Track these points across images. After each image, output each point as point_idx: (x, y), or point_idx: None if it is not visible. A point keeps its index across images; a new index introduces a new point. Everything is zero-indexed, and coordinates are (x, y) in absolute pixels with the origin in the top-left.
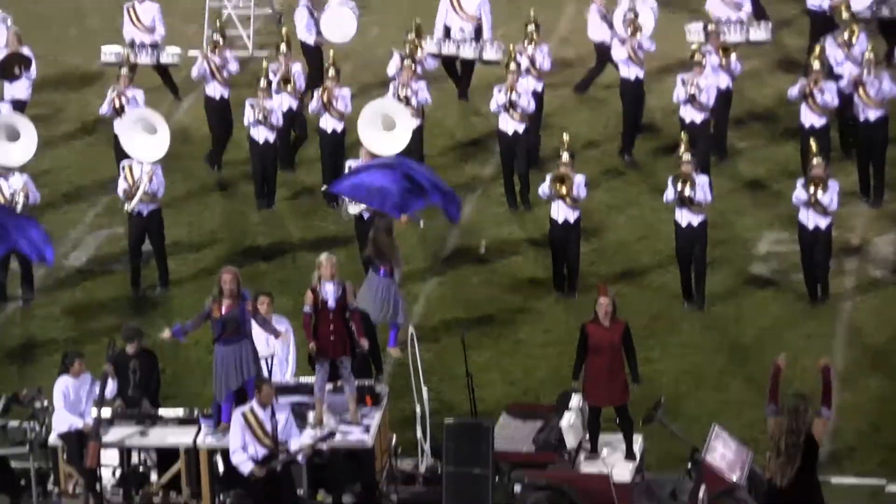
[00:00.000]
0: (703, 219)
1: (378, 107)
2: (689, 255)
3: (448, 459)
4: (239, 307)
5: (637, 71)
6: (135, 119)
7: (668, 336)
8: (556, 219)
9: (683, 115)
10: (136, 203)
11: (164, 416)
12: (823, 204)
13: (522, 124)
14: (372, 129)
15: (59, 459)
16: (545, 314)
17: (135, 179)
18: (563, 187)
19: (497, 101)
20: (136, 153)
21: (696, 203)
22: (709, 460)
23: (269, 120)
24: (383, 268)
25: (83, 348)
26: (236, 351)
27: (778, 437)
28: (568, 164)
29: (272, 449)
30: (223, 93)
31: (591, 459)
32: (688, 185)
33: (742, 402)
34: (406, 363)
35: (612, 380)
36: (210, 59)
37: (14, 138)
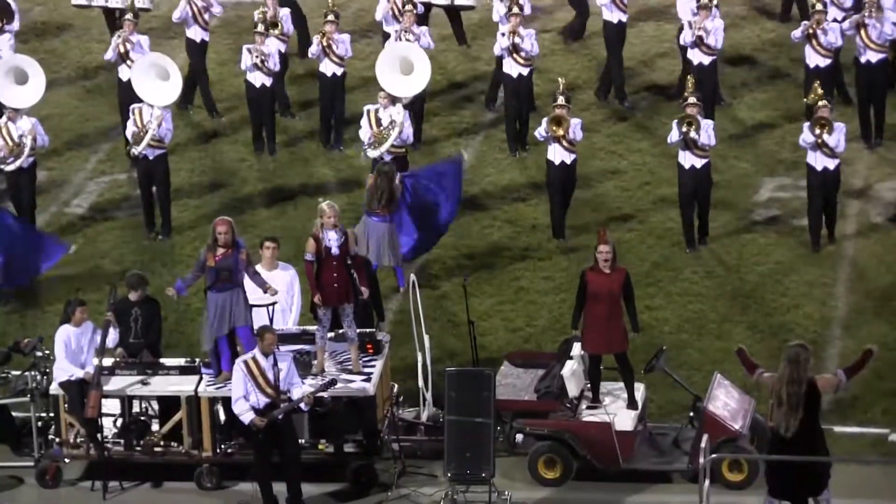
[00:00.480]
0: (706, 161)
1: (397, 50)
2: (693, 199)
3: (450, 408)
4: (233, 256)
5: (620, 15)
6: (148, 64)
7: (670, 284)
8: (553, 160)
9: (691, 57)
10: (144, 147)
11: (165, 365)
12: (830, 145)
13: (527, 68)
14: (391, 73)
15: (60, 409)
16: (546, 261)
17: (144, 123)
18: (559, 129)
19: (500, 44)
20: (148, 98)
21: (700, 146)
22: (711, 409)
23: (265, 64)
24: (387, 214)
25: (85, 296)
26: (227, 298)
27: (779, 387)
28: (564, 107)
29: (274, 398)
30: (203, 36)
31: (593, 408)
32: (693, 128)
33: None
34: (407, 310)
35: (610, 328)
36: (192, 2)
37: (22, 81)
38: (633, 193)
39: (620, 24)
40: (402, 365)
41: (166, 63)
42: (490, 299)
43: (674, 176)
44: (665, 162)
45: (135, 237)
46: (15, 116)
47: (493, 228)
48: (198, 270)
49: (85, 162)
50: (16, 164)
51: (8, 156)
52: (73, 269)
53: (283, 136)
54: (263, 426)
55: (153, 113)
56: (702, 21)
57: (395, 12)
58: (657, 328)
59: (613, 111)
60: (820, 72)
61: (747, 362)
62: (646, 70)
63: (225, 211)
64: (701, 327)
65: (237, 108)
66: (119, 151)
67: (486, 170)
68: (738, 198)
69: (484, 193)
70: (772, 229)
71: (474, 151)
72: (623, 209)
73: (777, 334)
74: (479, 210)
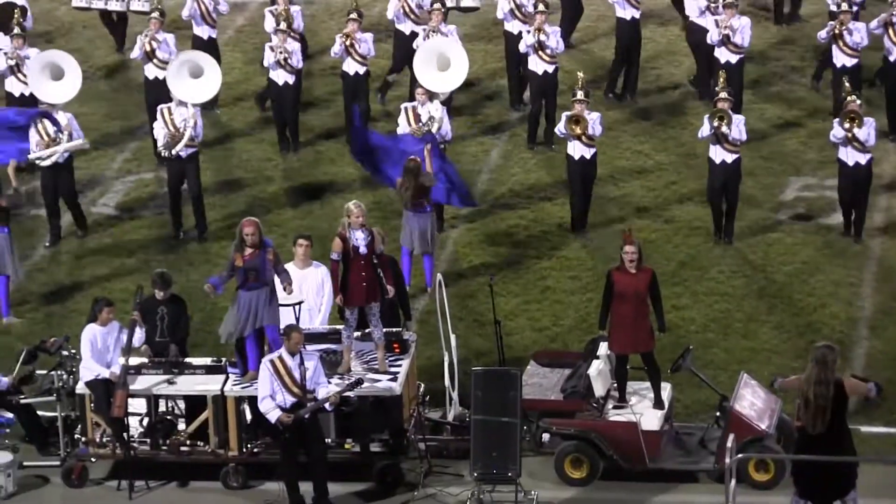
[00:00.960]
0: (737, 157)
1: (433, 46)
2: (722, 193)
3: (476, 407)
4: (260, 256)
5: (633, 12)
6: (181, 62)
7: (696, 283)
8: (573, 155)
9: (719, 55)
10: (181, 148)
11: (191, 364)
12: (861, 139)
13: (552, 65)
14: (428, 69)
15: (87, 408)
16: (573, 260)
17: (175, 124)
18: (577, 127)
19: (526, 41)
20: (184, 96)
21: (730, 141)
22: (737, 409)
23: (288, 62)
24: (422, 206)
25: (110, 296)
26: (256, 298)
27: (806, 388)
28: (582, 103)
29: (300, 397)
30: (211, 34)
31: (620, 408)
32: (724, 123)
33: (770, 350)
34: (434, 310)
35: (636, 327)
36: (201, 1)
37: (58, 76)
38: (660, 193)
39: (634, 21)
40: (429, 364)
41: (202, 60)
42: (516, 299)
43: (699, 175)
44: (690, 161)
45: (161, 236)
46: (52, 111)
47: (519, 228)
48: (229, 271)
49: (111, 161)
50: (52, 159)
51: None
52: (100, 269)
53: (308, 135)
54: (290, 423)
55: (188, 112)
56: (728, 19)
57: (406, 9)
58: (683, 328)
59: (637, 110)
60: (847, 71)
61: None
62: (667, 67)
63: (251, 211)
64: (727, 327)
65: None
66: (145, 151)
67: (513, 169)
68: (764, 196)
69: (510, 192)
70: (798, 228)
71: (500, 150)
72: (650, 208)
73: (804, 334)
74: (506, 209)
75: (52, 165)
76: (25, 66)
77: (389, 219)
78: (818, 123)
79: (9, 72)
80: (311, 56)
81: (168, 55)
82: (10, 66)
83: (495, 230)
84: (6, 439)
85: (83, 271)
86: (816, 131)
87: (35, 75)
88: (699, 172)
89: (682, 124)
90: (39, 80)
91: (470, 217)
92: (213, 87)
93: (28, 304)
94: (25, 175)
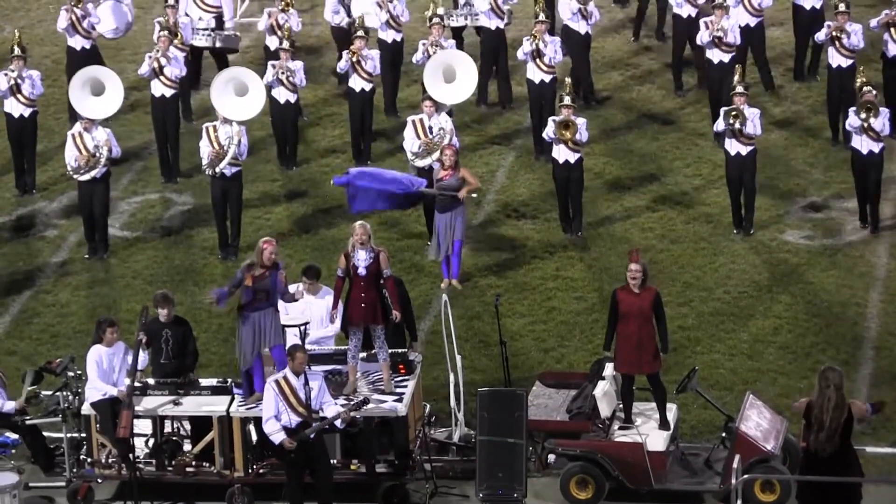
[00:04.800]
0: (752, 149)
1: (440, 58)
2: (739, 184)
3: (482, 428)
4: (271, 277)
5: (690, 10)
6: (226, 79)
7: (702, 304)
8: (558, 159)
9: (711, 56)
10: (225, 166)
11: (197, 385)
12: (876, 129)
13: (549, 75)
14: (435, 81)
15: (92, 429)
16: (579, 281)
17: (220, 142)
18: (567, 132)
19: (523, 49)
20: (229, 113)
21: (745, 135)
22: (743, 429)
23: (289, 80)
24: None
25: (116, 317)
26: (261, 319)
27: (821, 413)
28: (570, 107)
29: (306, 417)
30: (84, 44)
31: (625, 428)
32: (738, 119)
33: (776, 371)
34: (439, 331)
35: (641, 348)
36: (73, 11)
37: (98, 92)
38: (665, 213)
39: (690, 19)
40: (435, 385)
41: (246, 76)
42: (522, 319)
43: (707, 196)
44: (696, 184)
45: (167, 257)
46: (90, 127)
47: (525, 248)
48: (233, 287)
49: (116, 182)
50: (90, 174)
51: (84, 166)
52: (105, 290)
53: (312, 152)
54: (294, 446)
55: (232, 130)
56: (718, 20)
57: (390, 18)
58: (689, 348)
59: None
60: (843, 73)
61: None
62: None
63: (258, 232)
64: (733, 347)
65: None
66: (151, 171)
67: (518, 190)
68: (769, 217)
69: (515, 212)
70: (803, 248)
71: (505, 165)
72: (655, 229)
73: (809, 354)
74: (511, 229)
75: (90, 180)
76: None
77: (396, 240)
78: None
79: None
80: (316, 75)
81: (179, 72)
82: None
83: (500, 250)
84: (11, 460)
85: (87, 294)
86: (821, 148)
87: (76, 91)
88: (707, 195)
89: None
90: (80, 96)
91: (475, 237)
92: (257, 105)
93: (33, 324)
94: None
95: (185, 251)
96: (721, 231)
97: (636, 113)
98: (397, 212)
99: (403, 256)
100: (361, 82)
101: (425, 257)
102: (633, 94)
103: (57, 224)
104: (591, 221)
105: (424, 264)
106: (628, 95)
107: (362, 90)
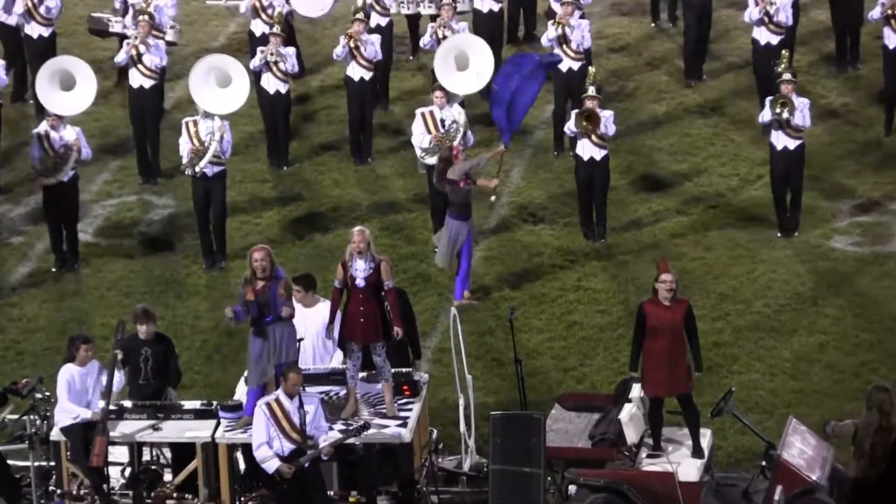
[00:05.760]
0: (800, 143)
1: (451, 44)
2: (785, 183)
3: (495, 456)
4: (270, 289)
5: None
6: (207, 69)
7: (739, 317)
8: (582, 156)
9: (757, 36)
10: (205, 164)
11: (179, 408)
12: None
13: (578, 62)
14: (447, 69)
15: (62, 457)
16: (602, 292)
17: (201, 138)
18: (589, 124)
19: (548, 35)
20: (209, 107)
21: (793, 126)
22: (785, 457)
23: (278, 66)
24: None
25: (89, 332)
26: (271, 334)
27: (864, 436)
28: (594, 98)
29: (300, 444)
30: (42, 32)
31: (654, 456)
32: (786, 109)
33: (822, 392)
34: (448, 348)
35: (672, 366)
36: None
37: (68, 86)
38: (698, 216)
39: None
40: (442, 408)
41: (229, 66)
42: (539, 335)
43: (745, 198)
44: (733, 184)
45: (146, 266)
46: (58, 125)
47: (543, 256)
48: (244, 305)
49: (90, 183)
50: (56, 177)
51: (50, 168)
52: (78, 303)
53: (305, 150)
54: (290, 474)
55: (214, 125)
56: None
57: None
58: (725, 367)
59: None
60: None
61: None
62: None
63: (247, 239)
64: (773, 366)
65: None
66: (129, 170)
67: (535, 191)
68: (814, 222)
69: (531, 216)
70: (851, 255)
71: (521, 163)
72: (686, 234)
73: (858, 374)
74: (528, 234)
75: (57, 184)
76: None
77: (399, 247)
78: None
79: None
80: (312, 64)
81: (159, 61)
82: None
83: (516, 258)
84: None
85: (59, 304)
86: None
87: (44, 84)
88: (741, 198)
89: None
90: (48, 89)
91: (487, 244)
92: (241, 97)
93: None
94: None
95: (165, 260)
96: (760, 236)
97: (665, 105)
98: (400, 216)
99: (408, 265)
100: (360, 70)
101: (432, 266)
102: (662, 83)
103: (23, 230)
104: (616, 226)
105: (431, 273)
106: (656, 85)
107: (361, 79)
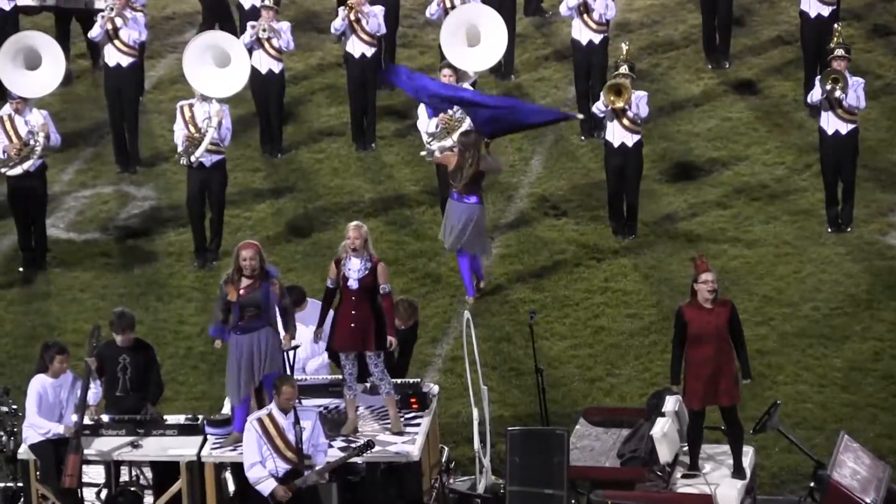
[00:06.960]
0: (853, 127)
1: (461, 16)
2: (836, 170)
3: (512, 476)
4: (262, 288)
5: None
6: (203, 47)
7: (785, 322)
8: (612, 142)
9: (806, 7)
10: (202, 153)
11: (160, 423)
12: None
13: (599, 34)
14: (455, 44)
15: (31, 477)
16: (632, 294)
17: (197, 124)
18: (618, 100)
19: (567, 3)
20: (205, 89)
21: (845, 108)
22: (836, 478)
23: (271, 43)
24: (472, 194)
25: (61, 339)
26: (253, 342)
27: None
28: (627, 76)
29: (296, 463)
30: (6, 5)
31: (690, 476)
32: (839, 86)
33: (877, 406)
34: (460, 356)
35: (718, 375)
36: None
37: (34, 65)
38: (740, 209)
39: None
40: (454, 423)
41: (227, 44)
42: (563, 342)
43: (791, 189)
44: (778, 173)
45: (124, 265)
46: (23, 108)
47: (566, 254)
48: (222, 309)
49: (61, 172)
50: (22, 167)
51: (14, 157)
52: (49, 306)
53: (301, 136)
54: (287, 497)
55: (211, 109)
56: None
57: None
58: (770, 377)
59: None
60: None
61: None
62: None
63: (237, 234)
64: (823, 376)
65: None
66: (104, 159)
67: (558, 181)
68: (867, 214)
69: (553, 209)
70: None
71: (542, 150)
72: (727, 229)
73: None
74: (550, 229)
75: (22, 174)
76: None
77: (406, 243)
78: None
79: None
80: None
81: (138, 35)
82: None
83: (537, 257)
84: None
85: (27, 307)
86: None
87: (6, 63)
88: (785, 186)
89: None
90: (11, 69)
91: (505, 240)
92: (241, 79)
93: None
94: None
95: (146, 258)
96: (809, 232)
97: (702, 84)
98: (408, 209)
99: (417, 264)
100: (362, 46)
101: (443, 265)
102: (699, 62)
103: None
104: (648, 220)
105: (441, 274)
106: (693, 63)
107: (363, 56)
